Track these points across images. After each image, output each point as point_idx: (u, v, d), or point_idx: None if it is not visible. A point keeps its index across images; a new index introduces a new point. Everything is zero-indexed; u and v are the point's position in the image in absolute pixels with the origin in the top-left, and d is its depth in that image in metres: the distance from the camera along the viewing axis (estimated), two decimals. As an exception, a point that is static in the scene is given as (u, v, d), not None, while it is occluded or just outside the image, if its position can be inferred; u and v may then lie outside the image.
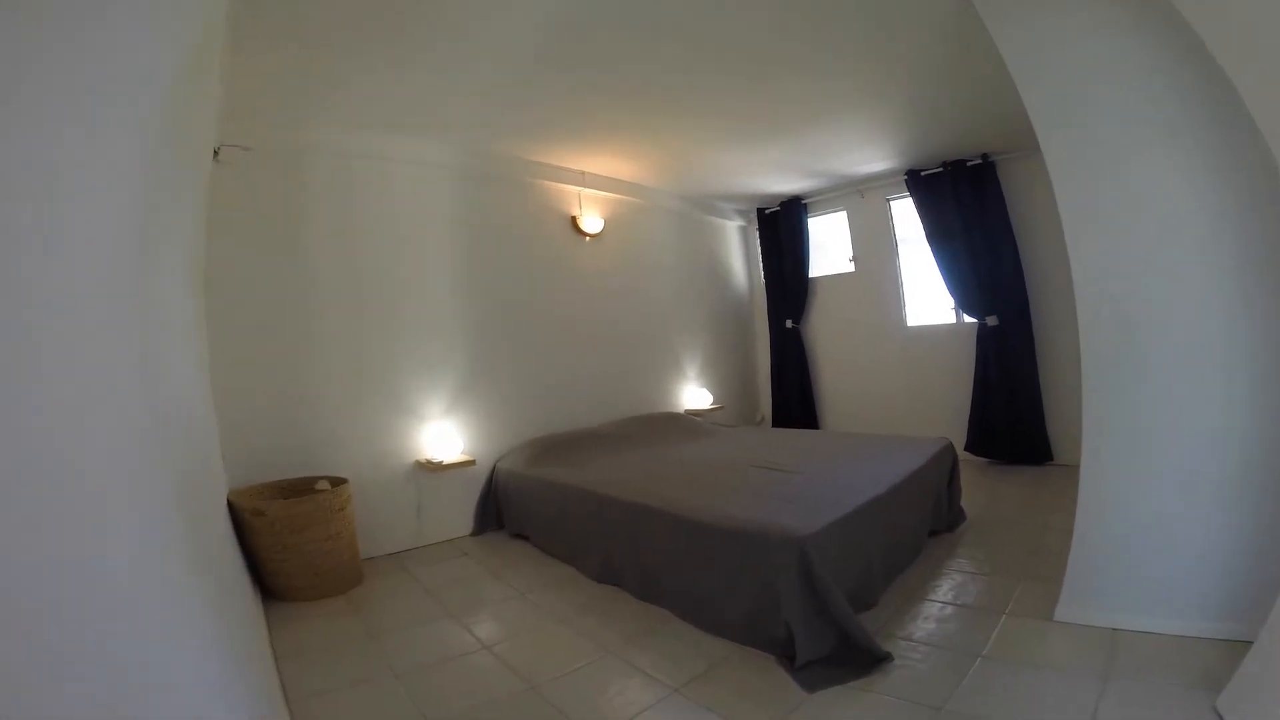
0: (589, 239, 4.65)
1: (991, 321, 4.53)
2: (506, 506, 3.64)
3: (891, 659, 1.96)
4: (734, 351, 6.00)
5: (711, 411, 5.27)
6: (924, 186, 4.72)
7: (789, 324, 5.72)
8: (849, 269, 5.52)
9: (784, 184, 5.21)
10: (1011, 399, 4.46)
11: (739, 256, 6.21)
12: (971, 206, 4.50)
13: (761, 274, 6.05)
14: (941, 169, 4.61)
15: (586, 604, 2.62)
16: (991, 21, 2.16)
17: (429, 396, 3.66)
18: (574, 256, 4.58)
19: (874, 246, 5.32)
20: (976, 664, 1.94)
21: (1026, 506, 3.56)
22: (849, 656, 1.95)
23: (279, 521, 2.57)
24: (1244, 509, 1.84)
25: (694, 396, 5.36)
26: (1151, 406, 1.98)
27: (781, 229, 5.68)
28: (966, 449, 4.58)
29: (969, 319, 4.73)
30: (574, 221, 4.57)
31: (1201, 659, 1.80)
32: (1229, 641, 1.83)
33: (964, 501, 3.31)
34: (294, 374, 3.20)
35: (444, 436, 3.60)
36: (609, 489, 2.88)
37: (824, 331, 5.71)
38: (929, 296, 5.08)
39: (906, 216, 5.08)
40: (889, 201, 5.16)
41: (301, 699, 1.96)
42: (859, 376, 5.48)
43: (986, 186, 4.46)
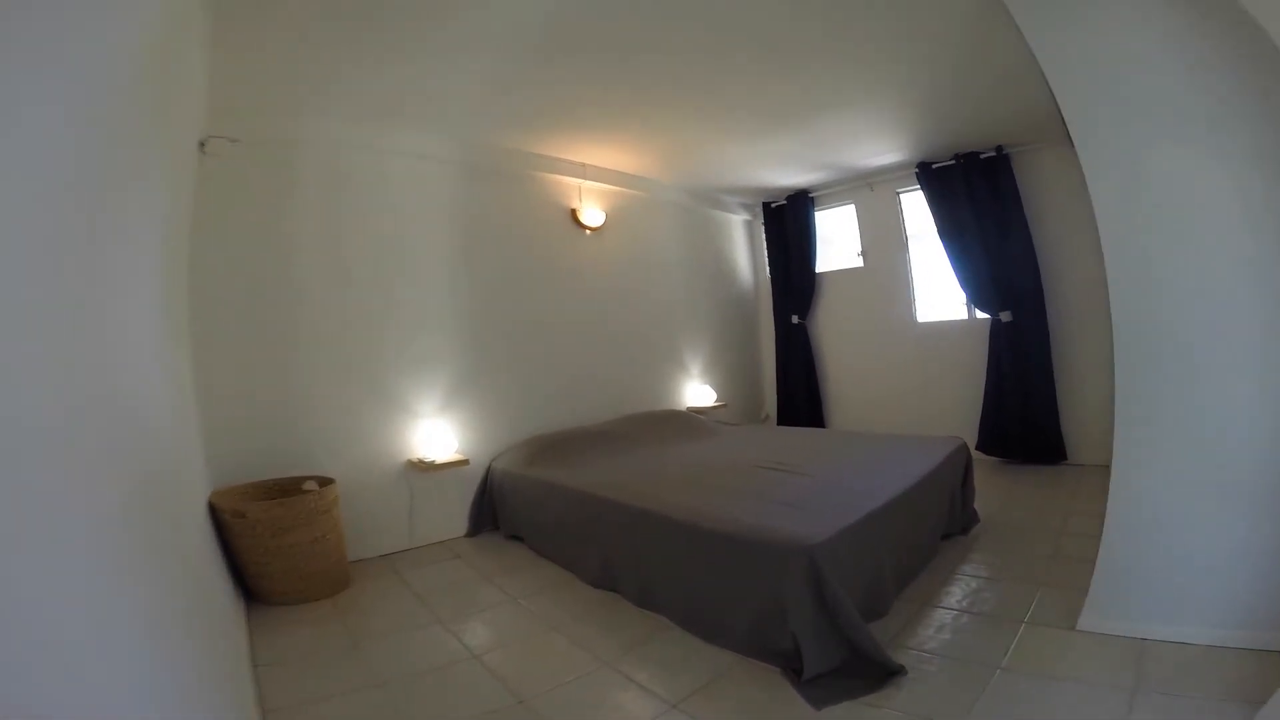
0: (590, 232, 4.53)
1: (1005, 317, 4.39)
2: (501, 507, 3.53)
3: (905, 672, 1.84)
4: (738, 348, 5.87)
5: (715, 409, 5.15)
6: (936, 179, 4.58)
7: (795, 320, 5.58)
8: (857, 264, 5.39)
9: (791, 177, 5.08)
10: (1025, 397, 4.33)
11: (744, 251, 6.08)
12: (985, 200, 4.37)
13: (767, 269, 5.91)
14: (954, 161, 4.47)
15: (582, 611, 2.50)
16: (1019, 8, 2.04)
17: (422, 394, 3.55)
18: (574, 250, 4.46)
19: (883, 241, 5.18)
20: (995, 677, 1.82)
21: (1042, 509, 3.44)
22: (859, 670, 1.83)
23: (261, 523, 2.47)
24: (1281, 515, 1.72)
25: (697, 394, 5.23)
26: (1187, 409, 1.86)
27: (788, 223, 5.55)
28: (978, 448, 4.44)
29: (981, 315, 4.59)
30: (574, 215, 4.45)
31: (1236, 670, 1.69)
32: (1265, 652, 1.72)
33: (977, 503, 3.18)
34: (282, 371, 3.10)
35: (437, 435, 3.49)
36: (607, 491, 2.76)
37: (831, 328, 5.57)
38: (940, 292, 4.94)
39: (917, 210, 4.94)
40: (899, 195, 5.03)
41: (278, 710, 1.85)
42: (867, 374, 5.35)
43: (1000, 179, 4.32)
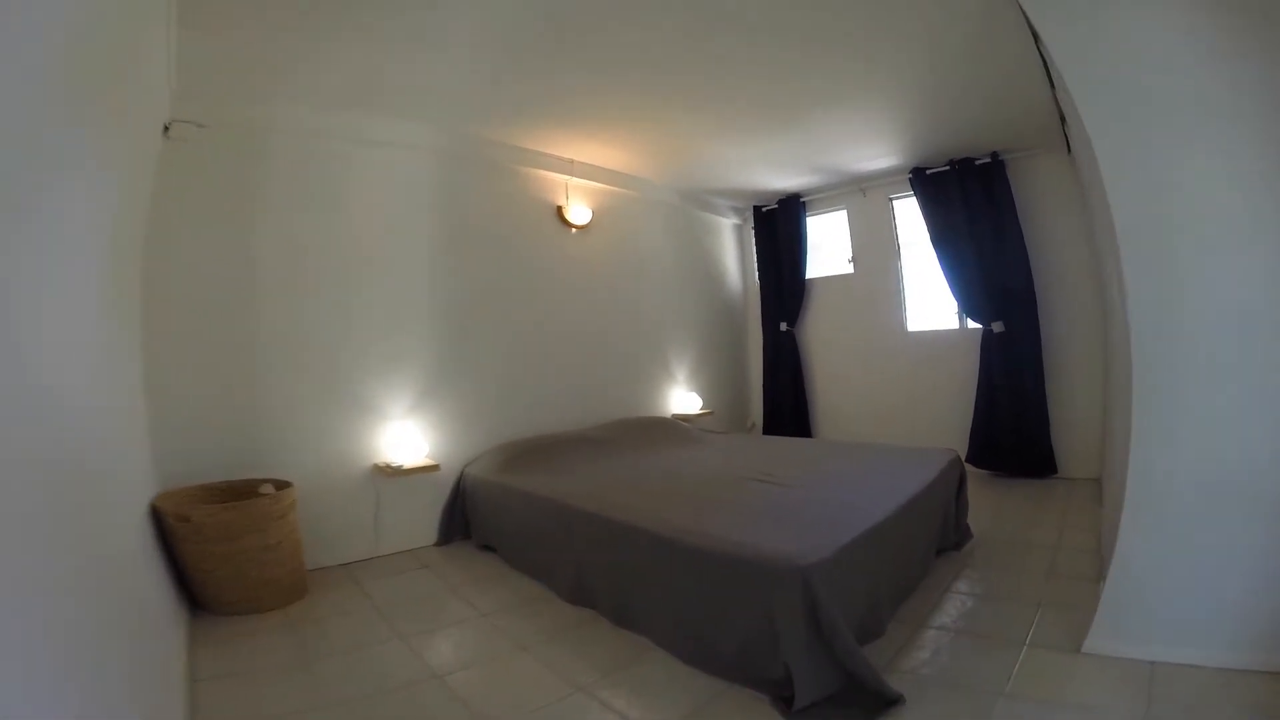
0: (575, 230, 4.38)
1: (997, 328, 4.30)
2: (474, 516, 3.34)
3: (903, 700, 1.69)
4: (725, 354, 5.75)
5: (700, 417, 5.00)
6: (930, 185, 4.50)
7: (783, 327, 5.47)
8: (847, 270, 5.29)
9: (783, 180, 4.97)
10: (1017, 409, 4.24)
11: (733, 255, 5.97)
12: (979, 207, 4.29)
13: (756, 274, 5.80)
14: (948, 167, 4.39)
15: (556, 629, 2.32)
16: (1033, 5, 1.94)
17: (392, 394, 3.36)
18: (559, 248, 4.31)
19: (874, 247, 5.09)
20: (999, 704, 1.69)
21: (1035, 524, 3.35)
22: (855, 699, 1.68)
23: (208, 528, 2.27)
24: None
25: (682, 400, 5.09)
26: (1209, 429, 1.77)
27: (779, 227, 5.44)
28: (968, 460, 4.33)
29: (973, 325, 4.51)
30: (560, 212, 4.30)
31: (1252, 693, 1.61)
32: (1280, 674, 1.62)
33: (969, 517, 3.06)
34: (242, 367, 2.91)
35: (407, 438, 3.30)
36: (585, 501, 2.59)
37: (820, 335, 5.46)
38: (931, 301, 4.85)
39: (909, 217, 4.86)
40: (891, 201, 4.94)
41: (211, 738, 1.66)
42: (855, 384, 5.24)
43: (995, 186, 4.24)
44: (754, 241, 5.75)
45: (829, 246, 5.42)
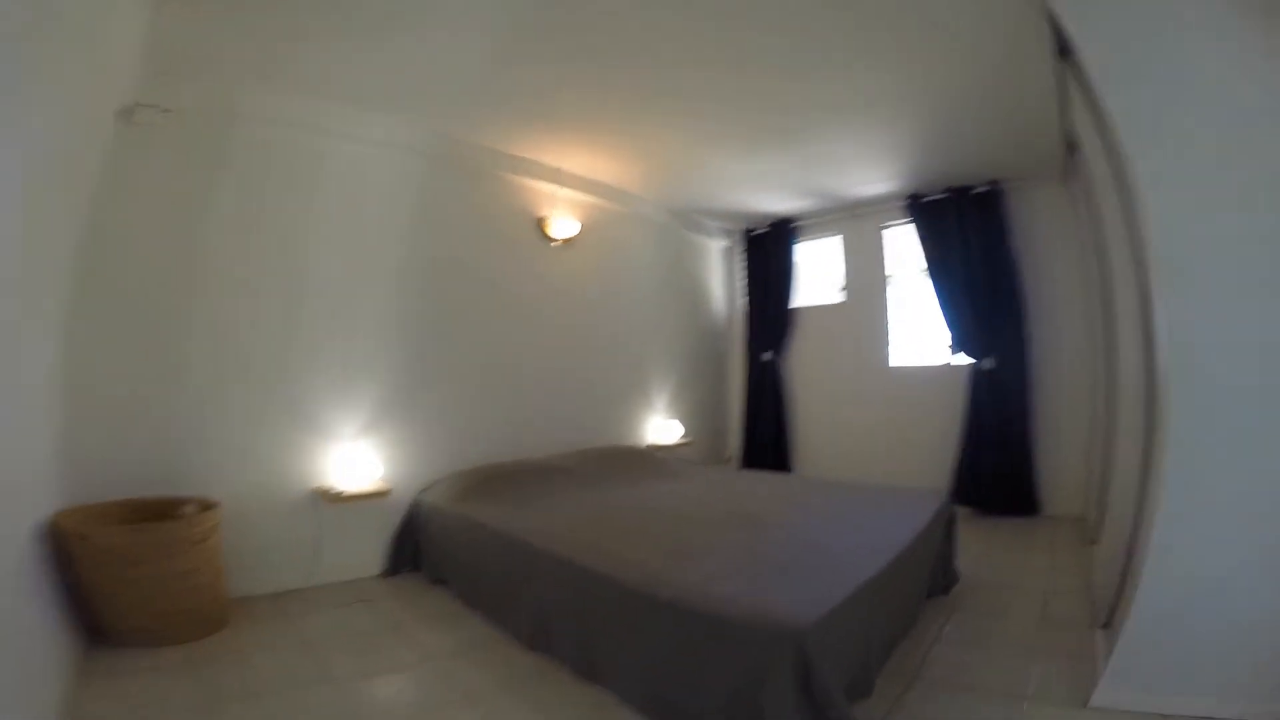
0: (557, 244, 4.19)
1: (987, 364, 4.19)
2: (426, 546, 3.05)
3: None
4: (706, 383, 5.55)
5: (679, 447, 4.79)
6: (927, 213, 4.41)
7: (767, 357, 5.31)
8: (835, 300, 5.17)
9: (775, 202, 4.86)
10: (1003, 446, 4.12)
11: (720, 280, 5.81)
12: (975, 236, 4.20)
13: (742, 300, 5.65)
14: (946, 195, 4.31)
15: (511, 679, 2.05)
16: (1073, 20, 1.85)
17: (344, 412, 3.07)
18: (538, 262, 4.11)
19: (865, 277, 4.98)
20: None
21: (1023, 565, 3.23)
22: (847, 774, 1.46)
23: (112, 550, 1.98)
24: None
25: (660, 429, 4.87)
26: (1242, 476, 1.64)
27: (769, 252, 5.31)
28: (951, 497, 4.19)
29: (958, 361, 4.39)
30: (542, 224, 4.11)
31: None
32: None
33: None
34: (177, 374, 2.64)
35: (357, 460, 3.01)
36: (549, 540, 2.33)
37: (804, 368, 5.30)
38: (919, 335, 4.73)
39: (897, 247, 4.77)
40: (881, 230, 4.85)
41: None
42: (839, 418, 5.07)
43: (992, 216, 4.16)
44: (742, 266, 5.61)
45: (816, 275, 5.31)
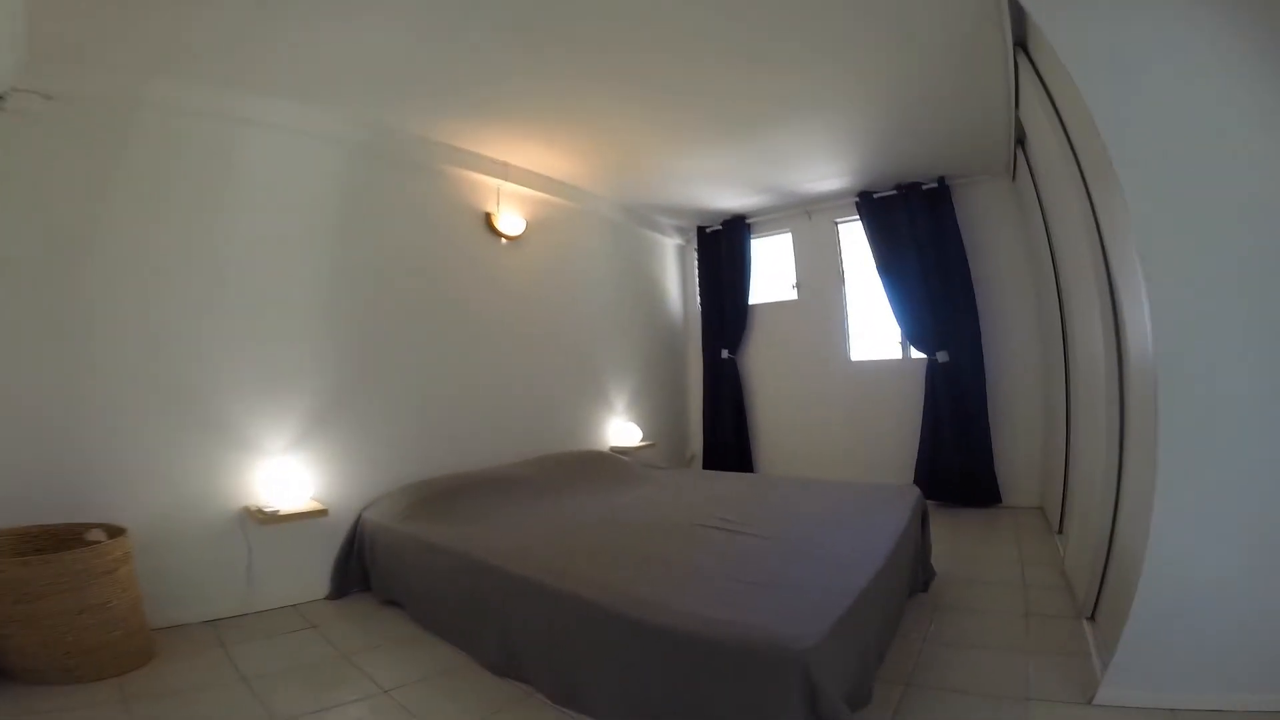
0: (506, 241, 3.98)
1: (942, 358, 4.24)
2: (375, 567, 2.78)
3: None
4: (665, 382, 5.43)
5: (641, 450, 4.63)
6: (877, 210, 4.44)
7: (725, 354, 5.24)
8: (791, 297, 5.15)
9: (728, 199, 4.80)
10: (962, 439, 4.18)
11: (674, 278, 5.71)
12: (925, 233, 4.25)
13: (697, 298, 5.57)
14: (895, 191, 4.36)
15: (481, 711, 1.84)
16: (1050, 26, 1.82)
17: (270, 424, 2.77)
18: (486, 260, 3.88)
19: (819, 273, 4.98)
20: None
21: (994, 558, 3.24)
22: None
23: (4, 585, 1.67)
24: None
25: (621, 432, 4.71)
26: (1239, 469, 1.61)
27: (723, 250, 5.25)
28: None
29: (916, 354, 4.44)
30: (489, 219, 3.90)
31: None
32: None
33: (927, 553, 2.86)
34: (75, 387, 2.32)
35: (287, 477, 2.72)
36: (512, 560, 2.12)
37: (762, 363, 5.26)
38: (875, 329, 4.76)
39: (853, 243, 4.79)
40: (837, 225, 4.86)
41: None
42: (799, 414, 5.05)
43: (942, 212, 4.23)
44: (696, 264, 5.53)
45: (772, 271, 5.28)
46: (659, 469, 4.16)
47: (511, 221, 3.98)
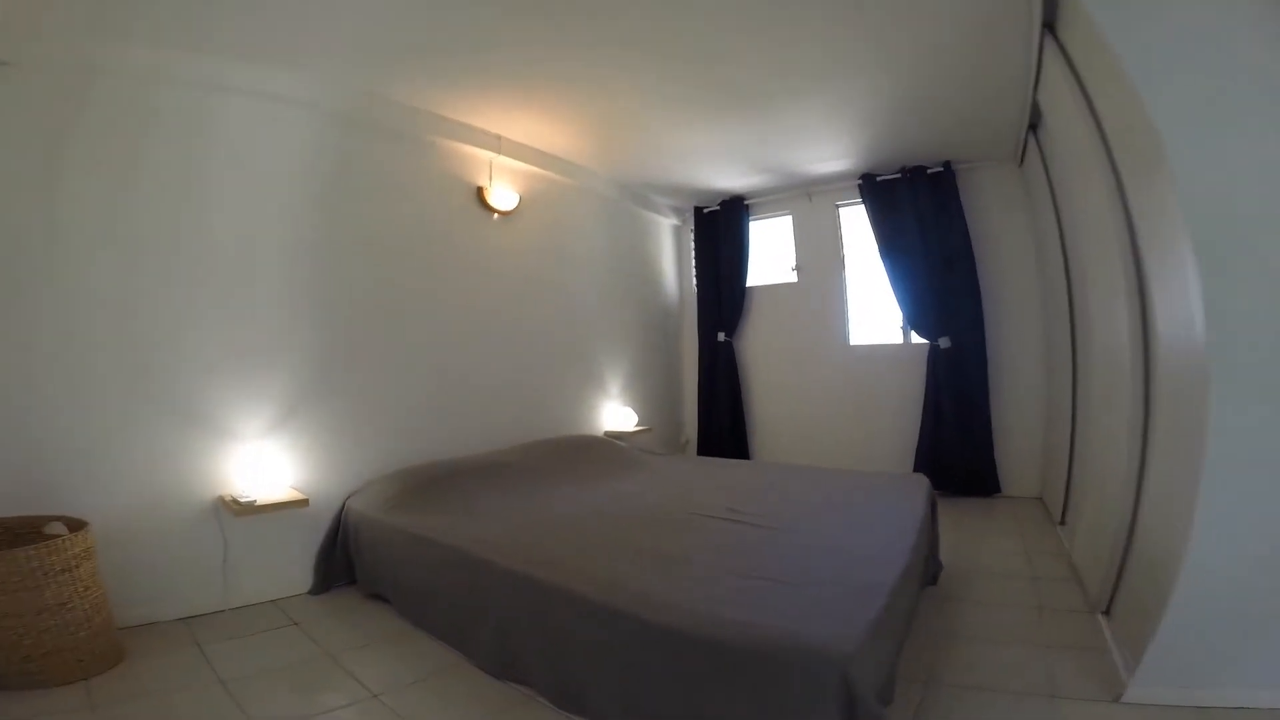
0: (498, 217, 3.80)
1: (944, 343, 4.16)
2: (359, 559, 2.63)
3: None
4: (660, 365, 5.30)
5: (637, 434, 4.51)
6: (880, 192, 4.32)
7: (721, 337, 5.11)
8: (790, 279, 5.02)
9: (727, 179, 4.64)
10: (963, 427, 4.11)
11: (670, 259, 5.55)
12: (929, 217, 4.14)
13: (693, 280, 5.43)
14: (899, 175, 4.24)
15: (479, 715, 1.72)
16: (1098, 6, 1.70)
17: (244, 407, 2.58)
18: (478, 236, 3.70)
19: (820, 256, 4.85)
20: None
21: (998, 549, 3.18)
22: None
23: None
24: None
25: (616, 416, 4.58)
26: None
27: (720, 231, 5.10)
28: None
29: (917, 340, 4.35)
30: (481, 193, 3.71)
31: None
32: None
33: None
34: (31, 370, 2.13)
35: (264, 465, 2.54)
36: (508, 555, 1.98)
37: (760, 347, 5.14)
38: (876, 313, 4.66)
39: (855, 226, 4.67)
40: (838, 208, 4.73)
41: None
42: (797, 397, 4.95)
43: (947, 197, 4.12)
44: (693, 244, 5.37)
45: (771, 253, 5.15)
46: (656, 455, 4.04)
47: (504, 196, 3.80)
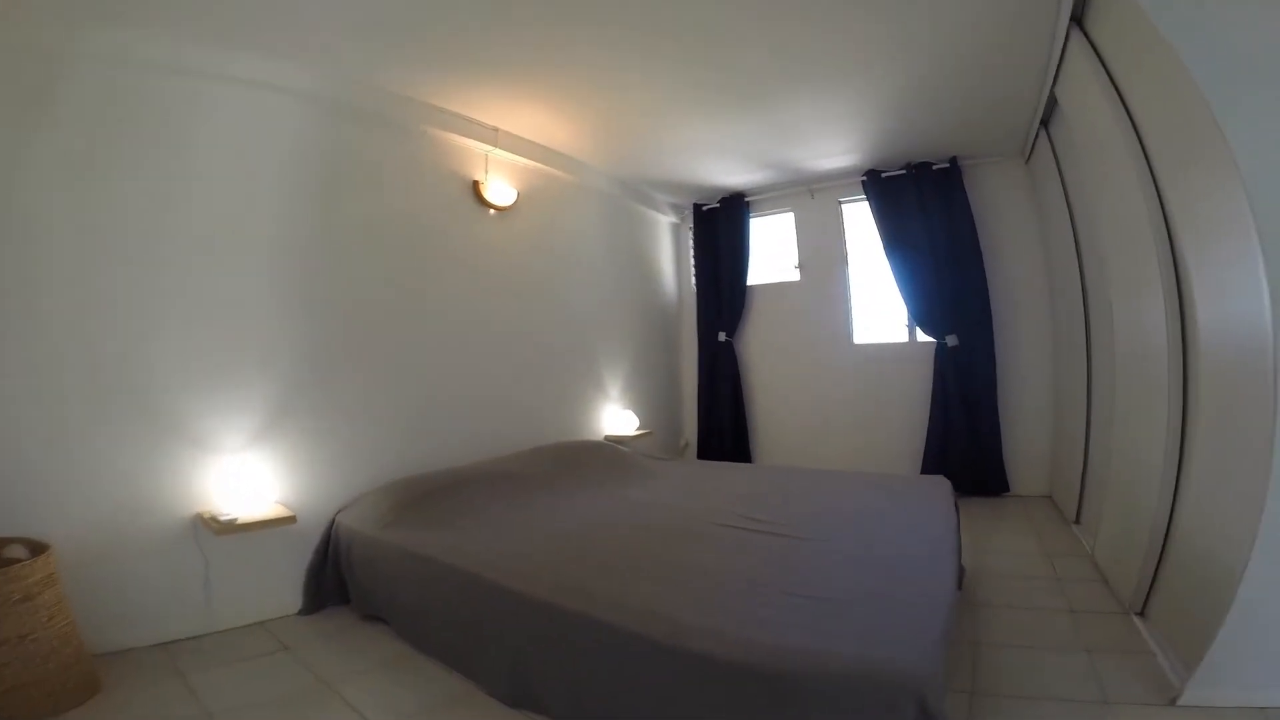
0: (495, 212, 3.65)
1: (951, 341, 4.08)
2: (352, 579, 2.45)
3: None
4: (660, 366, 5.16)
5: (638, 439, 4.37)
6: (885, 189, 4.23)
7: (722, 337, 4.99)
8: (792, 278, 4.92)
9: (728, 175, 4.52)
10: (972, 426, 4.04)
11: (669, 257, 5.41)
12: (936, 214, 4.07)
13: (693, 278, 5.30)
14: (904, 171, 4.15)
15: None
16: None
17: (224, 417, 2.39)
18: (473, 232, 3.54)
19: (822, 254, 4.75)
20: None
21: (1016, 550, 3.10)
22: None
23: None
24: None
25: (616, 419, 4.43)
26: None
27: (720, 228, 4.97)
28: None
29: (923, 338, 4.27)
30: (477, 188, 3.56)
31: None
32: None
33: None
34: None
35: (246, 477, 2.35)
36: (521, 579, 1.81)
37: (761, 346, 5.03)
38: (880, 313, 4.57)
39: (858, 222, 4.58)
40: (840, 204, 4.64)
41: None
42: (800, 399, 4.84)
43: (953, 193, 4.05)
44: (692, 243, 5.25)
45: (772, 251, 5.04)
46: (660, 460, 3.90)
47: (501, 191, 3.65)
